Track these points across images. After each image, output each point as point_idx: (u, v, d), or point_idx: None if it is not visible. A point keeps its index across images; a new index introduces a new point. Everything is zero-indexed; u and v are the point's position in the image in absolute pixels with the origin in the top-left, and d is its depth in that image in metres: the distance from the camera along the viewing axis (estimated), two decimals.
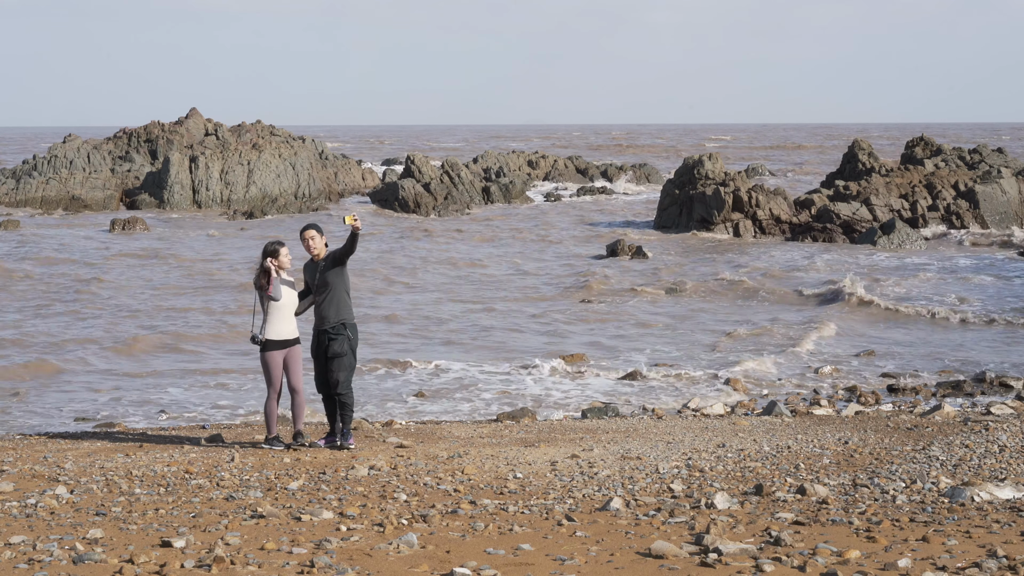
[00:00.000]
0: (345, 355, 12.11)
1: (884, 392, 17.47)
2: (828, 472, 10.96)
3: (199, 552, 8.06)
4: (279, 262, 12.14)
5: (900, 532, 8.56)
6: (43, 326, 22.95)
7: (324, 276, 12.09)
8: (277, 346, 12.11)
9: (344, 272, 12.17)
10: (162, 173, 53.37)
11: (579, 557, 7.98)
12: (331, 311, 12.07)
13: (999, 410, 14.46)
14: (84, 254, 35.52)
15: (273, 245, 12.17)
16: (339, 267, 12.12)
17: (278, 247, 12.18)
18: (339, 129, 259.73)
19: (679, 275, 30.99)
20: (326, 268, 12.10)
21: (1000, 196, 41.71)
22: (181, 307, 25.51)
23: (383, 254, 35.99)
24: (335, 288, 12.09)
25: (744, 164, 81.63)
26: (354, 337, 12.21)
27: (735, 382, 17.81)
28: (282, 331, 12.11)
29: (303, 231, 12.24)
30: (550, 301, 26.91)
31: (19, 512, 9.39)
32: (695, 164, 43.36)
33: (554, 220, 48.34)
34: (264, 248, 12.19)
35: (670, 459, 11.63)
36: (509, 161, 70.17)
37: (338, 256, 12.11)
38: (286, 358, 12.14)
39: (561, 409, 16.39)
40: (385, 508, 9.53)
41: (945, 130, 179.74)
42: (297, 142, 59.68)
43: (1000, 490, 9.82)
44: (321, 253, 12.19)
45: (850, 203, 40.95)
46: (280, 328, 12.10)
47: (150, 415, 16.12)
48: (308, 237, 12.17)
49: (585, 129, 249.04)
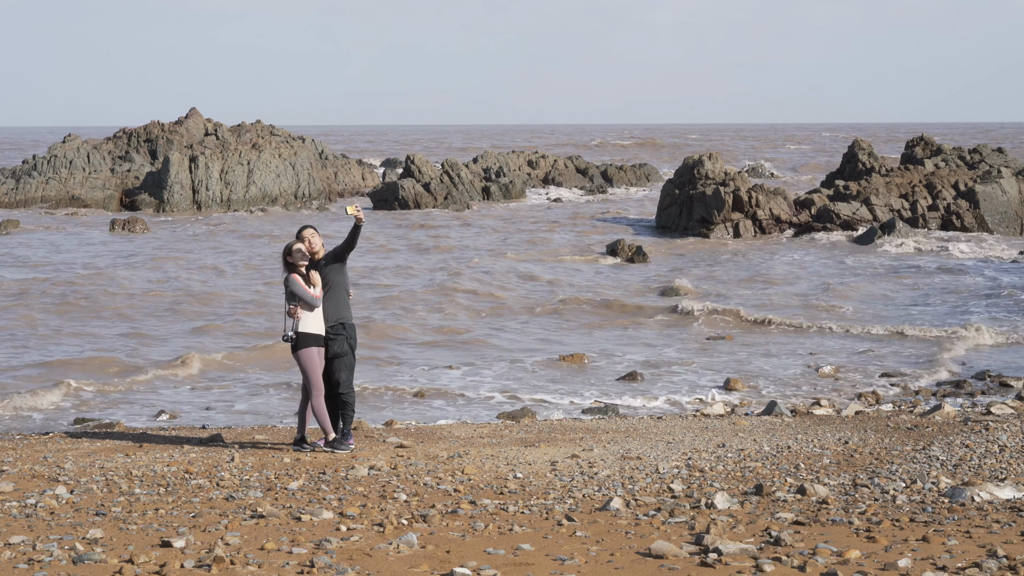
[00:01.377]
0: (345, 355, 12.07)
1: (884, 391, 17.46)
2: (828, 472, 10.96)
3: (199, 552, 8.06)
4: (310, 244, 12.02)
5: (900, 532, 8.56)
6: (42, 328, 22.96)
7: (325, 273, 12.05)
8: (315, 341, 11.89)
9: (344, 270, 12.13)
10: (162, 173, 53.36)
11: (579, 557, 7.98)
12: (330, 310, 12.02)
13: (999, 410, 14.46)
14: (86, 254, 35.54)
15: (299, 231, 12.10)
16: (340, 264, 12.07)
17: (303, 230, 12.08)
18: (339, 129, 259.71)
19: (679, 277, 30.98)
20: (326, 265, 12.06)
21: (1000, 196, 41.70)
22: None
23: (384, 253, 36.00)
24: (335, 286, 12.04)
25: (744, 164, 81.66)
26: (353, 336, 12.18)
27: (735, 382, 17.80)
28: (317, 326, 11.90)
29: (300, 231, 12.20)
30: (548, 302, 26.89)
31: (19, 512, 9.38)
32: (695, 164, 43.35)
33: (554, 220, 48.32)
34: (286, 246, 12.11)
35: (670, 459, 11.63)
36: (509, 161, 70.18)
37: (339, 252, 12.05)
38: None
39: (560, 409, 16.39)
40: (385, 508, 9.53)
41: (945, 130, 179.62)
42: (297, 142, 59.68)
43: (1000, 490, 9.81)
44: (320, 252, 12.16)
45: (850, 203, 40.95)
46: (315, 323, 11.88)
47: (150, 415, 16.11)
48: (307, 236, 12.14)
49: (585, 129, 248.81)
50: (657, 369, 19.22)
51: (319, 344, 11.93)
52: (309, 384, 11.94)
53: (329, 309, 12.00)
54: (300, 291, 11.82)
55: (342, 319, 12.05)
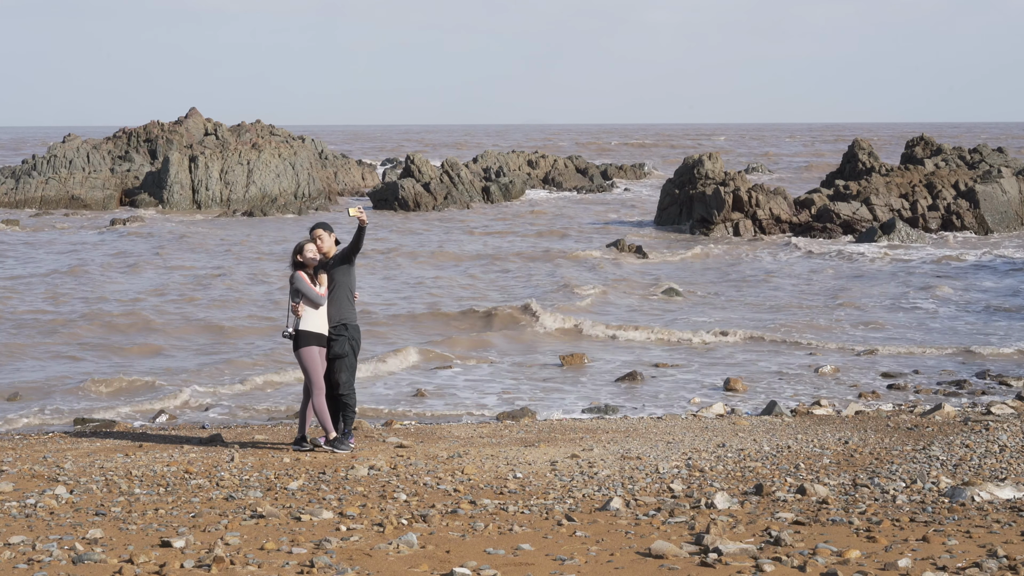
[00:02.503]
0: (346, 356, 12.06)
1: (884, 391, 17.45)
2: (828, 472, 10.95)
3: (199, 552, 8.06)
4: (321, 246, 12.03)
5: (900, 532, 8.56)
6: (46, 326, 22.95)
7: (331, 274, 12.05)
8: (316, 340, 11.89)
9: (351, 271, 12.11)
10: (162, 173, 53.36)
11: (579, 557, 7.98)
12: (333, 311, 12.02)
13: (999, 410, 14.46)
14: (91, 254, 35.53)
15: (311, 229, 12.14)
16: (347, 265, 12.07)
17: (315, 229, 12.11)
18: (340, 129, 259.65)
19: (679, 278, 30.98)
20: (334, 266, 12.05)
21: (1000, 196, 41.71)
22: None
23: (382, 256, 35.99)
24: (340, 286, 12.02)
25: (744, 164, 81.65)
26: (356, 338, 12.16)
27: (735, 381, 17.78)
28: (320, 325, 11.91)
29: (312, 230, 12.20)
30: (545, 302, 26.88)
31: (19, 512, 9.38)
32: (695, 164, 43.36)
33: (553, 220, 48.33)
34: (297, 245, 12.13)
35: (670, 459, 11.63)
36: (509, 161, 70.18)
37: (346, 253, 12.03)
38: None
39: (560, 408, 16.38)
40: (385, 508, 9.53)
41: (944, 131, 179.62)
42: (297, 142, 59.67)
43: (1000, 490, 9.81)
44: (331, 252, 12.15)
45: (850, 203, 40.95)
46: (318, 322, 11.89)
47: (149, 415, 16.10)
48: (316, 236, 12.13)
49: (588, 129, 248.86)
50: (657, 369, 19.20)
51: (320, 343, 11.92)
52: (310, 383, 11.94)
53: (332, 310, 12.00)
54: (305, 288, 11.83)
55: (344, 320, 12.03)
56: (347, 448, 12.06)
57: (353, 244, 11.94)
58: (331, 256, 12.11)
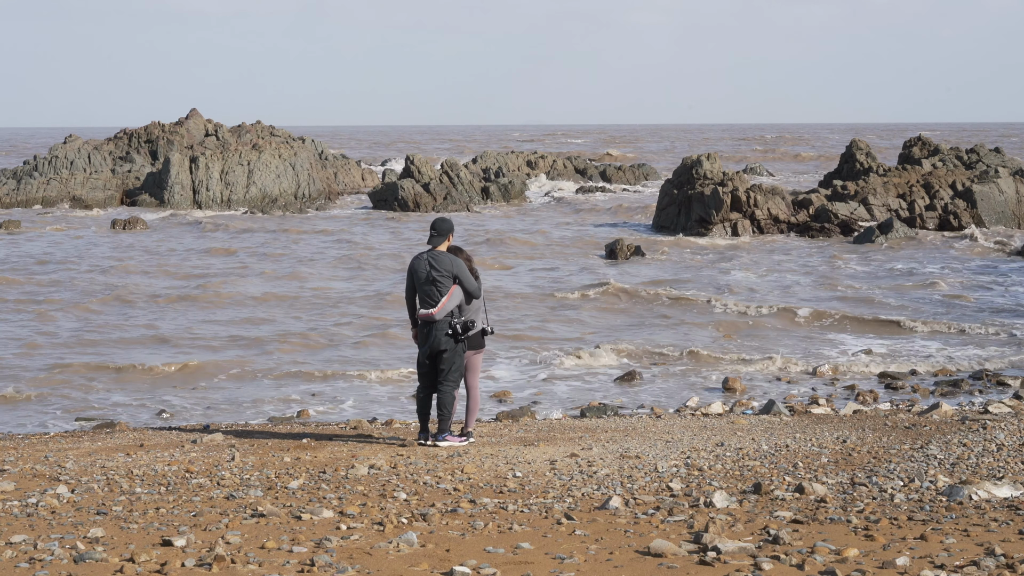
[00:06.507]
0: (454, 353, 12.36)
1: (882, 391, 17.49)
2: (826, 471, 10.99)
3: (200, 551, 8.09)
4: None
5: (898, 530, 8.59)
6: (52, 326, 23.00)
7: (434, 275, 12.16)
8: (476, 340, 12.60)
9: (458, 291, 12.20)
10: (162, 173, 53.39)
11: (578, 555, 8.02)
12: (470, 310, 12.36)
13: (997, 409, 14.49)
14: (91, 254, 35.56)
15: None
16: (455, 283, 12.18)
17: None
18: (339, 129, 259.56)
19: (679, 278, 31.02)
20: (444, 272, 12.14)
21: (997, 196, 41.75)
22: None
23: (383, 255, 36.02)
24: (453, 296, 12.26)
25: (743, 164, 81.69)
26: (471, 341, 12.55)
27: (733, 381, 17.83)
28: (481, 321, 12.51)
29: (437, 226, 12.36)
30: (544, 301, 26.93)
31: (20, 511, 9.42)
32: (693, 164, 43.37)
33: (553, 220, 48.33)
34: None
35: (669, 458, 11.66)
36: (508, 161, 70.18)
37: (463, 281, 12.16)
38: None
39: (560, 408, 16.41)
40: (385, 507, 9.56)
41: (943, 131, 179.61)
42: (297, 142, 59.70)
43: (998, 488, 9.84)
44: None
45: (848, 203, 40.98)
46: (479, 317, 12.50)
47: (150, 415, 16.15)
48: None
49: (588, 130, 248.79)
50: (655, 368, 19.24)
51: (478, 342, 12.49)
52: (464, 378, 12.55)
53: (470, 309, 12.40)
54: (467, 279, 12.20)
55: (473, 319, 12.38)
56: (458, 442, 12.46)
57: (468, 292, 12.18)
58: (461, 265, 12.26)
